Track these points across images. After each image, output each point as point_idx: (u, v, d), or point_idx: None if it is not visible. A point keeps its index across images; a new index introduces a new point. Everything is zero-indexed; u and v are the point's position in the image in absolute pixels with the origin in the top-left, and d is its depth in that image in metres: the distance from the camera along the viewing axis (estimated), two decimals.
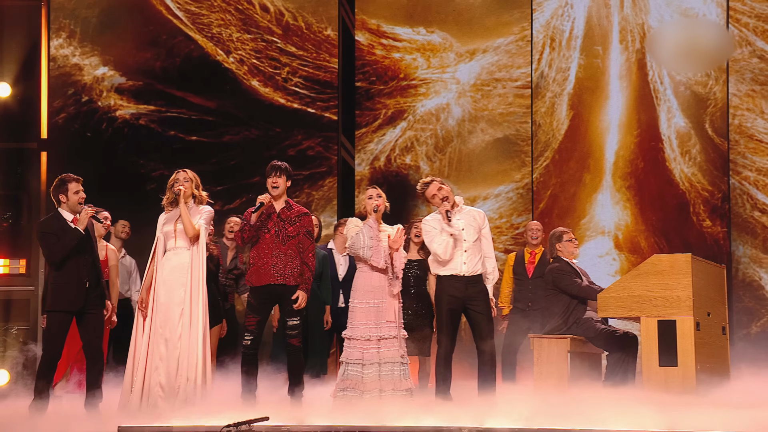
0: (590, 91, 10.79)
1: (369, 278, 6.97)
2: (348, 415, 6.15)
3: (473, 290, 6.90)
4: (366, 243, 6.87)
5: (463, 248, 6.92)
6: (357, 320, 6.94)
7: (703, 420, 5.62)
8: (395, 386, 6.83)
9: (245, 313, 7.09)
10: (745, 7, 10.45)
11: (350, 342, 6.93)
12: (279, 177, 7.02)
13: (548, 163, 10.75)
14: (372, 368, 6.84)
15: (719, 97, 10.39)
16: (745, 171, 10.32)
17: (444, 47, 11.02)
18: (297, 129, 10.60)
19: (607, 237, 10.48)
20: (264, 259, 6.96)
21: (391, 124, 11.04)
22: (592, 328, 7.69)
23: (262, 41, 10.74)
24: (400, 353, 6.90)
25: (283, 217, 7.02)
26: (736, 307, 9.96)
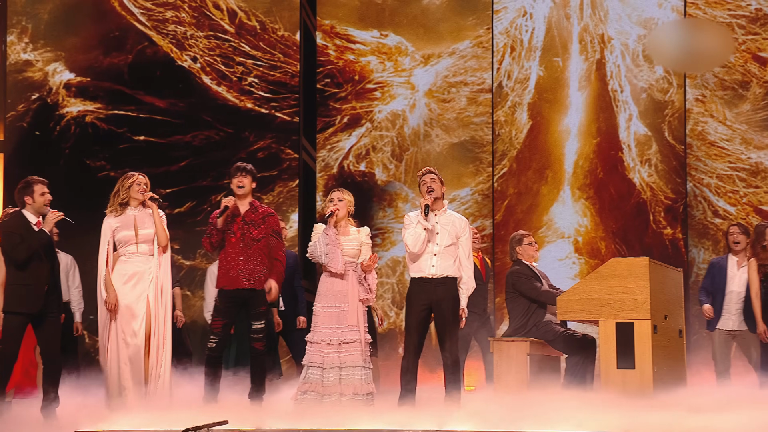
0: (550, 99, 10.82)
1: (331, 283, 6.93)
2: (307, 419, 6.08)
3: (441, 292, 6.83)
4: (322, 249, 6.85)
5: (433, 251, 6.85)
6: (319, 324, 6.91)
7: (659, 422, 5.63)
8: (356, 390, 6.79)
9: (211, 316, 7.08)
10: (703, 15, 10.53)
11: (312, 345, 6.90)
12: (245, 177, 7.01)
13: (508, 168, 10.75)
14: (332, 372, 6.82)
15: (677, 103, 10.46)
16: (704, 176, 10.39)
17: (399, 51, 10.98)
18: (255, 131, 10.49)
19: (567, 241, 10.49)
20: (231, 263, 6.95)
21: (350, 127, 10.99)
22: (552, 331, 7.70)
23: (216, 40, 10.62)
24: (362, 357, 6.86)
25: (247, 220, 7.00)
26: (694, 311, 10.00)
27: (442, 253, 6.84)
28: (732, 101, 10.39)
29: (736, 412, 5.84)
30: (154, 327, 6.92)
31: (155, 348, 6.91)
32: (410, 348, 6.86)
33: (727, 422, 5.59)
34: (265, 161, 10.28)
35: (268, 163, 10.29)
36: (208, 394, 6.92)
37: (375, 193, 10.83)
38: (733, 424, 5.55)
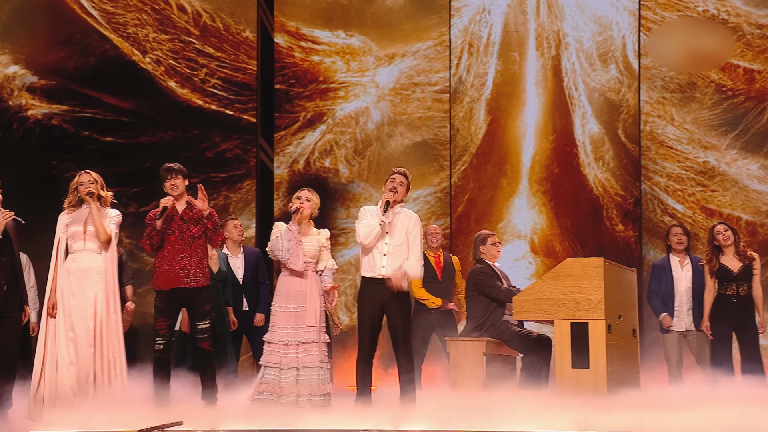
0: (507, 97, 10.91)
1: (290, 283, 6.94)
2: (263, 419, 6.11)
3: (393, 293, 6.84)
4: (284, 245, 6.84)
5: (383, 251, 6.88)
6: (277, 324, 6.91)
7: (613, 421, 5.74)
8: (313, 391, 6.81)
9: (154, 318, 6.99)
10: (655, 16, 10.69)
11: (269, 346, 6.91)
12: (176, 178, 6.95)
13: (466, 167, 10.84)
14: (290, 373, 6.82)
15: (631, 103, 10.60)
16: (656, 176, 10.54)
17: (363, 51, 11.04)
18: (215, 131, 10.51)
19: (523, 241, 10.61)
20: (171, 262, 6.89)
21: (310, 127, 11.02)
22: (508, 330, 7.79)
23: (180, 42, 10.62)
24: (319, 358, 6.88)
25: (185, 218, 6.95)
26: (647, 310, 10.17)
27: (392, 253, 6.86)
28: (682, 102, 10.57)
29: (690, 411, 5.98)
30: (102, 327, 6.83)
31: (104, 348, 6.81)
32: (363, 348, 6.89)
33: (680, 421, 5.73)
34: (229, 162, 10.31)
35: (231, 163, 10.31)
36: (159, 396, 6.84)
37: (337, 193, 10.88)
38: (687, 422, 5.68)
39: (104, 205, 7.06)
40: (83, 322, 6.84)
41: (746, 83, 10.45)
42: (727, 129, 10.45)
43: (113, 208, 7.14)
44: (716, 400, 6.59)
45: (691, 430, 5.57)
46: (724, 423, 5.61)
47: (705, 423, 5.66)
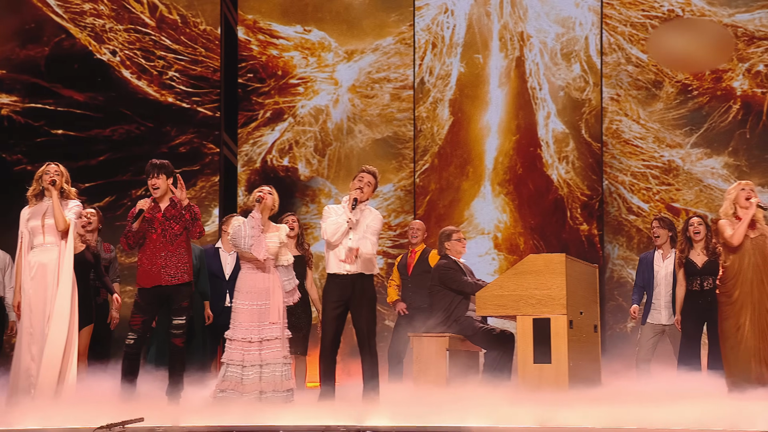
0: (471, 96, 10.91)
1: (253, 279, 6.91)
2: (225, 416, 6.07)
3: (357, 289, 6.85)
4: (247, 233, 6.81)
5: (346, 246, 6.86)
6: (239, 321, 6.87)
7: (574, 416, 5.74)
8: (276, 387, 6.78)
9: (131, 312, 6.97)
10: (619, 15, 10.74)
11: (231, 343, 6.87)
12: (157, 178, 6.92)
13: (429, 165, 10.81)
14: (253, 370, 6.79)
15: (594, 102, 10.64)
16: (619, 174, 10.59)
17: (323, 46, 10.97)
18: (175, 125, 10.37)
19: (486, 237, 10.61)
20: (153, 260, 6.86)
21: (270, 124, 10.93)
22: (471, 326, 7.79)
23: (136, 33, 10.47)
24: (282, 354, 6.85)
25: (168, 215, 6.91)
26: (608, 306, 10.20)
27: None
28: (645, 100, 10.62)
29: (649, 406, 6.00)
30: (56, 321, 6.77)
31: (60, 343, 6.75)
32: (326, 344, 6.88)
33: (640, 415, 5.74)
34: (187, 156, 10.18)
35: (189, 158, 10.19)
36: (125, 391, 6.80)
37: (298, 189, 10.81)
38: (647, 417, 5.69)
39: (67, 198, 6.96)
40: (41, 317, 6.79)
41: (712, 82, 10.51)
42: (692, 128, 10.51)
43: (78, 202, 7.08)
44: (677, 395, 6.59)
45: (650, 424, 5.58)
46: (681, 417, 5.64)
47: (664, 417, 5.68)
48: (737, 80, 10.44)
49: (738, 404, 6.10)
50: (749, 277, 6.95)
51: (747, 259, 6.99)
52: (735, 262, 7.02)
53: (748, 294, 6.94)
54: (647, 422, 5.60)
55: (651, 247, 8.88)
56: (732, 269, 7.03)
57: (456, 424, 5.66)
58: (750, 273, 6.95)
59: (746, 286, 6.94)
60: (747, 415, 5.64)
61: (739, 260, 7.00)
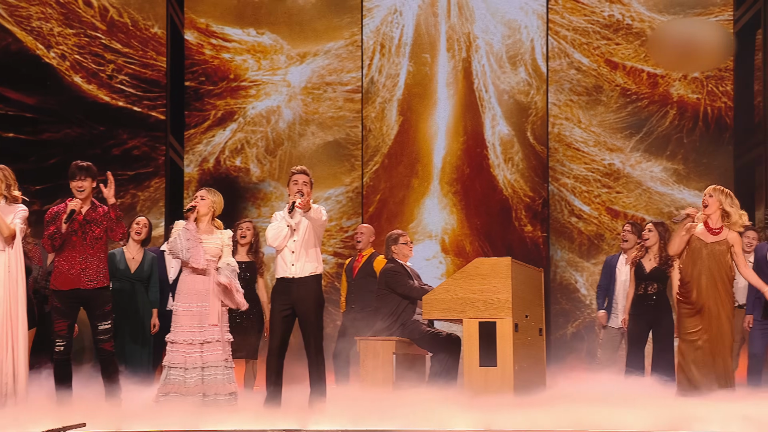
0: (419, 98, 10.98)
1: (192, 282, 6.88)
2: (168, 419, 6.05)
3: (303, 292, 6.86)
4: (183, 245, 6.80)
5: (291, 249, 6.88)
6: (180, 324, 6.85)
7: (519, 418, 5.83)
8: (218, 390, 6.77)
9: (54, 319, 6.87)
10: (563, 20, 10.89)
11: (173, 346, 6.84)
12: (83, 180, 6.83)
13: (378, 167, 10.87)
14: (195, 372, 6.77)
15: (540, 106, 10.77)
16: (564, 178, 10.73)
17: (275, 49, 10.98)
18: (122, 128, 10.32)
19: (434, 240, 10.68)
20: (72, 263, 6.77)
21: (221, 125, 10.91)
22: (417, 330, 7.84)
23: (86, 37, 10.39)
24: (223, 357, 6.84)
25: (88, 218, 6.84)
26: (554, 309, 10.33)
27: (299, 250, 6.87)
28: (588, 105, 10.78)
29: (597, 408, 6.09)
30: (5, 327, 6.67)
31: (6, 347, 6.66)
32: (273, 348, 6.89)
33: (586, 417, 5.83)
34: (138, 159, 10.13)
35: (141, 160, 10.15)
36: (61, 397, 6.72)
37: (248, 191, 10.80)
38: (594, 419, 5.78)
39: (12, 202, 6.87)
40: None
41: (650, 87, 10.71)
42: (632, 132, 10.70)
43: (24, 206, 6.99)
44: (623, 398, 6.71)
45: (595, 427, 5.66)
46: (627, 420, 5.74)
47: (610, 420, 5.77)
48: (674, 85, 10.65)
49: (686, 406, 6.19)
50: (703, 282, 6.99)
51: (701, 265, 7.01)
52: (688, 266, 7.06)
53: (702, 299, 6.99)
54: (592, 425, 5.68)
55: (595, 250, 9.02)
56: (687, 274, 7.07)
57: (402, 427, 5.69)
58: (703, 279, 6.99)
59: (701, 292, 6.98)
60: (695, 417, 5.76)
61: (692, 265, 7.04)
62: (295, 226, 6.89)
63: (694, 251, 7.05)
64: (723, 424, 5.61)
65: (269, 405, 6.75)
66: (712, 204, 7.05)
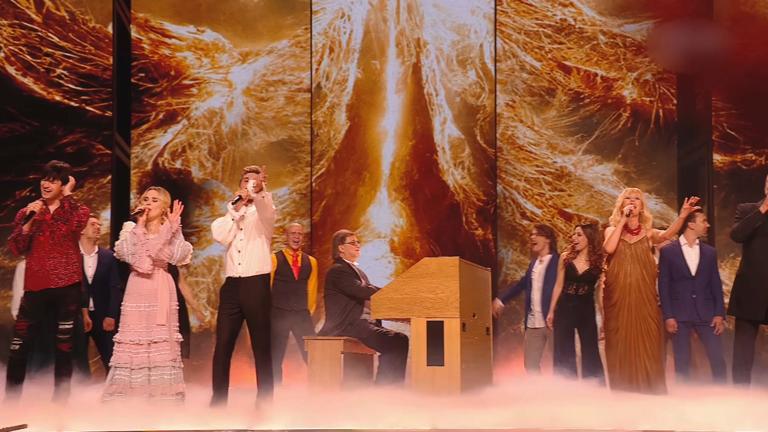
0: (368, 101, 10.94)
1: (141, 282, 6.84)
2: (112, 420, 5.99)
3: (251, 292, 6.82)
4: (129, 250, 6.79)
5: (238, 247, 6.83)
6: (127, 324, 6.80)
7: (465, 417, 5.86)
8: (165, 391, 6.72)
9: (16, 317, 6.88)
10: (512, 23, 10.91)
11: (120, 346, 6.79)
12: (51, 181, 6.88)
13: (326, 169, 10.79)
14: (141, 373, 6.73)
15: (489, 108, 10.78)
16: (513, 180, 10.74)
17: (217, 47, 10.85)
18: (67, 125, 10.09)
19: (383, 240, 10.64)
20: (41, 262, 6.80)
21: (166, 123, 10.75)
22: (365, 329, 7.79)
23: (22, 29, 10.15)
24: (171, 357, 6.79)
25: (56, 217, 6.86)
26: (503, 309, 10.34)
27: (246, 248, 6.84)
28: (539, 107, 10.81)
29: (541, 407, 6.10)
30: None
31: None
32: (220, 348, 6.84)
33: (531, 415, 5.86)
34: (75, 156, 9.91)
35: (78, 158, 9.92)
36: (10, 397, 6.67)
37: (191, 191, 10.65)
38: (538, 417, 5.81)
39: None
40: None
41: (603, 91, 10.76)
42: (584, 135, 10.74)
43: None
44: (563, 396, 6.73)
45: (539, 425, 5.70)
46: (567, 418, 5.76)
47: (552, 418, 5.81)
48: (626, 89, 10.72)
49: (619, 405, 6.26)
50: (627, 282, 7.12)
51: (625, 265, 7.16)
52: (614, 267, 7.20)
53: (625, 298, 7.11)
54: (537, 423, 5.74)
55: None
56: (611, 274, 7.20)
57: (350, 427, 5.68)
58: (628, 278, 7.12)
59: (624, 291, 7.11)
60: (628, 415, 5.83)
61: (617, 265, 7.17)
62: (241, 223, 6.85)
63: (618, 253, 7.22)
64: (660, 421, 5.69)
65: (215, 405, 6.69)
66: (639, 205, 7.27)
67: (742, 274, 7.39)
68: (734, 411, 5.79)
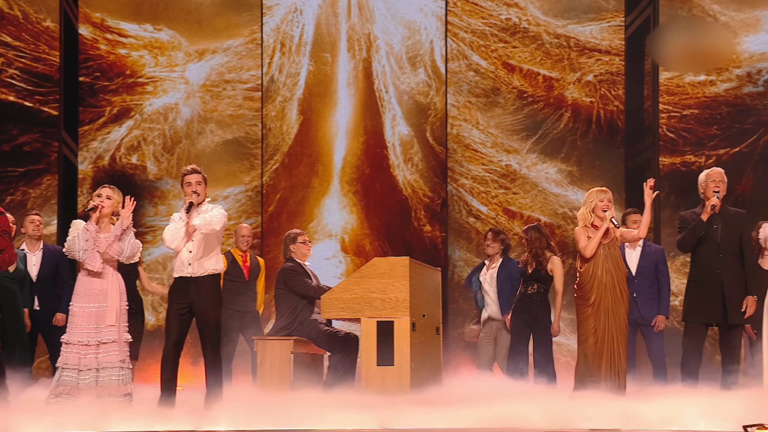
0: (319, 97, 10.96)
1: (90, 282, 6.78)
2: (58, 421, 5.93)
3: (201, 291, 6.81)
4: (81, 246, 6.71)
5: (189, 248, 6.82)
6: (76, 324, 6.74)
7: (415, 417, 5.88)
8: (112, 392, 6.68)
9: None
10: (461, 22, 11.01)
11: (68, 347, 6.73)
12: None
13: (278, 166, 10.81)
14: (89, 374, 6.68)
15: (439, 107, 10.87)
16: (462, 178, 10.85)
17: (173, 46, 10.82)
18: (12, 123, 10.02)
19: (334, 240, 10.68)
20: None
21: (117, 121, 10.71)
22: (315, 329, 7.82)
23: None
24: (120, 358, 6.75)
25: None
26: (451, 308, 10.44)
27: (197, 250, 6.82)
28: (486, 106, 10.92)
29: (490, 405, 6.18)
30: None
31: None
32: (169, 348, 6.83)
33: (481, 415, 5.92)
34: (26, 155, 9.86)
35: (29, 157, 9.88)
36: None
37: (145, 190, 10.62)
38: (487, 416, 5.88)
39: None
40: None
41: (545, 90, 10.90)
42: (528, 134, 10.87)
43: None
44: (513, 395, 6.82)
45: (489, 423, 5.76)
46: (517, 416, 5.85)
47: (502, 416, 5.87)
48: (569, 89, 10.87)
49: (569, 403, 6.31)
50: (604, 282, 7.11)
51: (601, 265, 7.14)
52: (590, 267, 7.17)
53: (602, 299, 7.11)
54: (486, 422, 5.77)
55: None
56: (587, 274, 7.18)
57: (299, 427, 5.69)
58: (605, 278, 7.11)
59: (601, 291, 7.11)
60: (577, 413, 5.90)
61: (593, 266, 7.15)
62: (191, 225, 6.82)
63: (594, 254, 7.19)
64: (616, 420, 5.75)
65: (163, 405, 6.67)
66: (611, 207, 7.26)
67: (692, 280, 7.48)
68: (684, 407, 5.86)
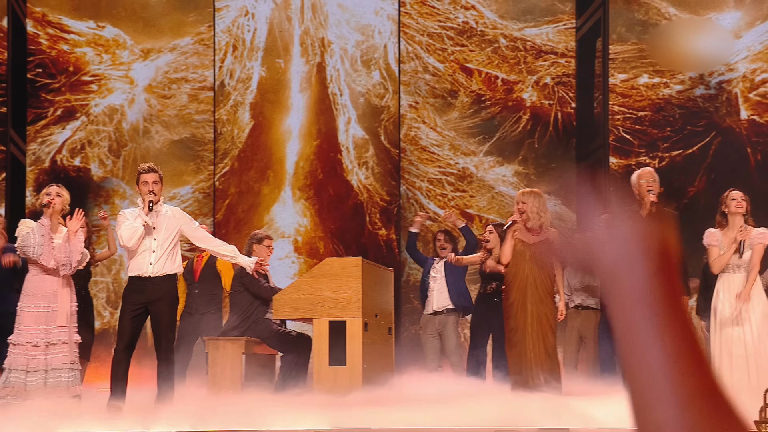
0: (272, 100, 10.87)
1: (40, 282, 6.70)
2: (6, 425, 5.82)
3: (160, 291, 6.74)
4: (36, 241, 6.63)
5: (152, 248, 6.72)
6: (24, 325, 6.65)
7: (366, 417, 5.88)
8: (61, 393, 6.60)
9: None
10: (416, 24, 10.99)
11: (15, 348, 6.64)
12: None
13: (229, 168, 10.70)
14: (38, 375, 6.60)
15: (393, 108, 10.84)
16: (416, 180, 10.83)
17: (117, 44, 10.65)
18: None
19: (287, 240, 10.60)
20: None
21: (63, 120, 10.51)
22: (268, 328, 7.78)
23: None
24: (70, 359, 6.68)
25: None
26: (404, 309, 10.40)
27: (160, 249, 6.76)
28: (442, 109, 10.91)
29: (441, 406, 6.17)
30: None
31: None
32: (121, 348, 6.74)
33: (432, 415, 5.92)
34: None
35: None
36: None
37: (91, 189, 10.44)
38: (438, 416, 5.87)
39: None
40: None
41: (503, 93, 10.91)
42: (485, 137, 10.88)
43: None
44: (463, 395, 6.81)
45: (440, 424, 5.76)
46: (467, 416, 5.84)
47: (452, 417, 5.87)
48: (527, 92, 10.90)
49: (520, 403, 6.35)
50: (524, 282, 7.14)
51: (523, 265, 7.16)
52: (512, 267, 7.23)
53: (521, 298, 7.14)
54: (437, 422, 5.80)
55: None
56: (510, 274, 7.23)
57: (250, 428, 5.65)
58: (525, 278, 7.14)
59: (521, 291, 7.13)
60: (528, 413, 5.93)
61: (515, 265, 7.20)
62: (155, 225, 6.74)
63: (518, 254, 7.22)
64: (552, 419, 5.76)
65: (112, 406, 6.57)
66: (528, 208, 7.21)
67: None
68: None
